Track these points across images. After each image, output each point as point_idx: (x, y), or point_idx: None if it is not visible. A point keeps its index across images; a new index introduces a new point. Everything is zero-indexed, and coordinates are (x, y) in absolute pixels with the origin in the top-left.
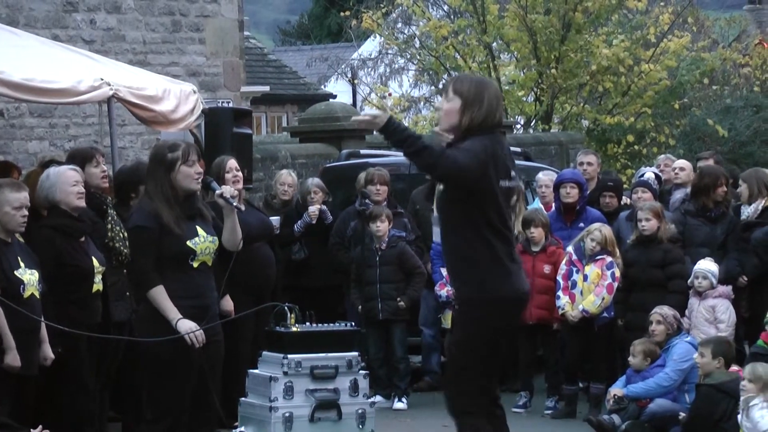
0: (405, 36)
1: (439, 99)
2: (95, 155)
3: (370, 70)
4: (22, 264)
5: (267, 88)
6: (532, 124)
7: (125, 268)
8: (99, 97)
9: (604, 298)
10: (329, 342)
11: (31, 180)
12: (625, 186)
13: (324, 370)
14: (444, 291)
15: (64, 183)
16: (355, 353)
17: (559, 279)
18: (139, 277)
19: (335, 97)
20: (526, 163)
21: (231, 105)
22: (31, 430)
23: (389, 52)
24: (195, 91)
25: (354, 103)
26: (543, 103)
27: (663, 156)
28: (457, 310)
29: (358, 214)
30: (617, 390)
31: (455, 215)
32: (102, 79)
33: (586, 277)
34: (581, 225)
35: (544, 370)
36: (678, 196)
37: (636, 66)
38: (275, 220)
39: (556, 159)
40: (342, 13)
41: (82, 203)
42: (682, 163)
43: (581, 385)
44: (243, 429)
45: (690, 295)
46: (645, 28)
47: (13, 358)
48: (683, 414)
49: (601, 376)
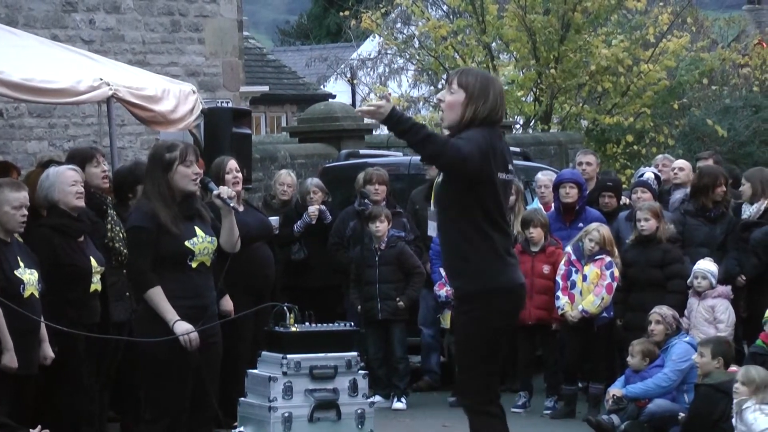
0: (404, 36)
1: (442, 92)
2: (95, 155)
3: (369, 70)
4: (22, 264)
5: (266, 88)
6: (531, 124)
7: (125, 269)
8: (98, 97)
9: (603, 298)
10: (328, 342)
11: (31, 180)
12: (624, 186)
13: (323, 370)
14: (443, 291)
15: (63, 183)
16: (355, 353)
17: (558, 279)
18: (136, 278)
19: (334, 97)
20: (526, 163)
21: (230, 105)
22: (31, 430)
23: (388, 52)
24: (194, 91)
25: (353, 103)
26: (542, 103)
27: (661, 156)
28: (456, 308)
29: (357, 214)
30: (616, 390)
31: (453, 207)
32: (101, 79)
33: (585, 278)
34: (580, 225)
35: (543, 370)
36: (677, 196)
37: (635, 66)
38: (274, 220)
39: (555, 159)
40: (341, 13)
41: (81, 203)
42: (681, 163)
43: (580, 385)
44: (242, 429)
45: (689, 295)
46: (644, 28)
47: (10, 359)
48: (683, 414)
49: (600, 376)
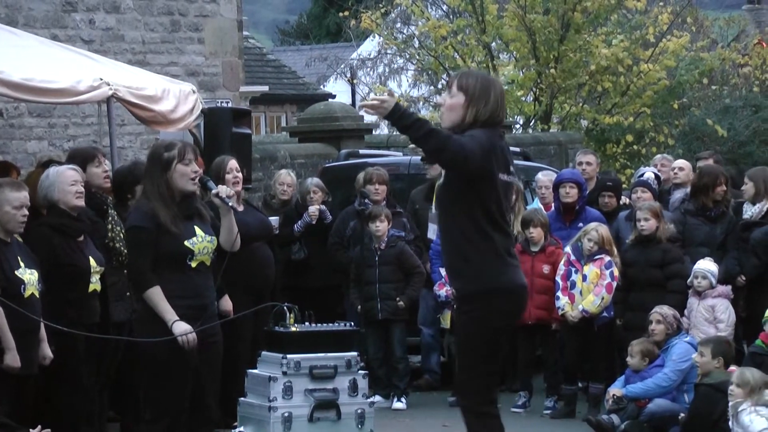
0: (404, 36)
1: (442, 96)
2: (97, 155)
3: (369, 70)
4: (22, 264)
5: (266, 88)
6: (531, 124)
7: (125, 269)
8: (98, 97)
9: (603, 298)
10: (328, 342)
11: (31, 180)
12: (624, 186)
13: (323, 370)
14: (443, 291)
15: (62, 182)
16: (354, 353)
17: (558, 280)
18: (136, 278)
19: (334, 97)
20: (526, 163)
21: (230, 105)
22: (31, 430)
23: (388, 52)
24: (194, 91)
25: (353, 103)
26: (542, 102)
27: (659, 156)
28: (457, 308)
29: (357, 213)
30: (616, 390)
31: (455, 207)
32: (101, 79)
33: (585, 278)
34: (580, 225)
35: (543, 370)
36: (677, 195)
37: (635, 66)
38: (274, 220)
39: (555, 159)
40: (341, 13)
41: (80, 203)
42: (681, 162)
43: (580, 385)
44: (242, 429)
45: (689, 294)
46: (644, 28)
47: (12, 359)
48: (683, 415)
49: (600, 376)
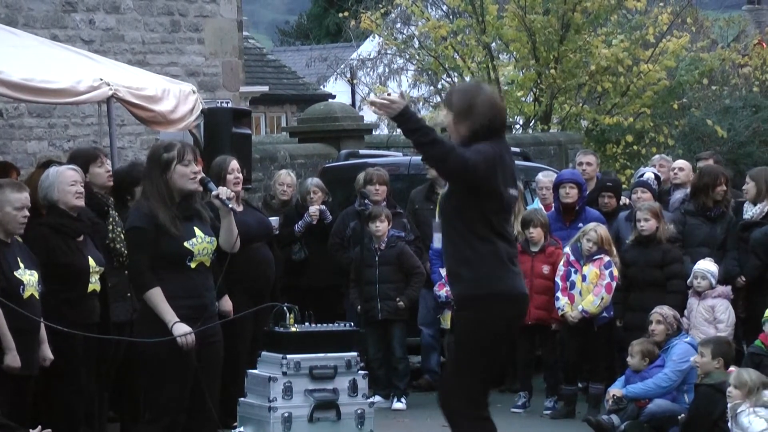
0: (404, 36)
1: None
2: (99, 155)
3: (369, 70)
4: (22, 265)
5: (266, 89)
6: (531, 124)
7: (126, 269)
8: (98, 97)
9: (603, 298)
10: (328, 342)
11: (32, 181)
12: (624, 186)
13: (323, 370)
14: (443, 291)
15: (62, 182)
16: (354, 353)
17: (557, 280)
18: (136, 278)
19: (334, 97)
20: (525, 163)
21: (230, 105)
22: (31, 430)
23: (388, 52)
24: (194, 91)
25: (353, 103)
26: (542, 103)
27: (658, 156)
28: (457, 312)
29: (357, 214)
30: (616, 390)
31: (458, 217)
32: (101, 79)
33: (584, 278)
34: (580, 225)
35: (543, 371)
36: (677, 196)
37: (635, 66)
38: (274, 220)
39: (555, 159)
40: (341, 14)
41: (80, 203)
42: (681, 163)
43: (580, 385)
44: (242, 429)
45: (689, 295)
46: (644, 28)
47: (12, 359)
48: (684, 415)
49: (600, 376)
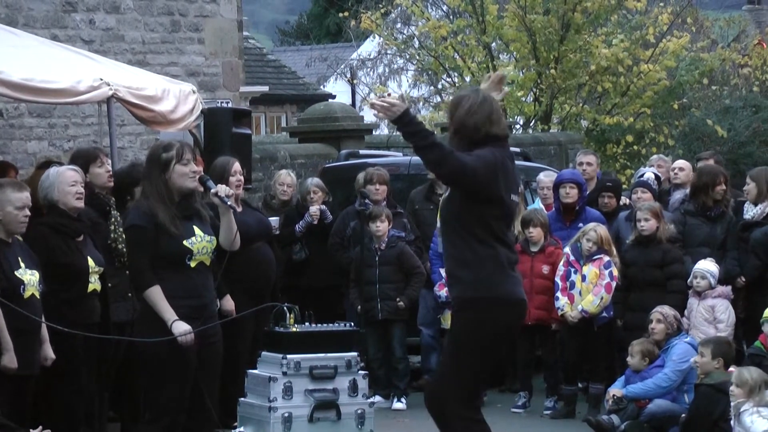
0: (404, 36)
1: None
2: (99, 155)
3: (369, 70)
4: (23, 264)
5: (266, 89)
6: (531, 124)
7: (127, 269)
8: (98, 97)
9: (603, 298)
10: (328, 342)
11: (32, 181)
12: (624, 186)
13: (323, 370)
14: (443, 291)
15: (62, 183)
16: (354, 353)
17: (557, 280)
18: (135, 277)
19: (334, 97)
20: (526, 163)
21: (230, 105)
22: (31, 430)
23: (388, 52)
24: (194, 91)
25: (353, 104)
26: (542, 103)
27: (656, 156)
28: (455, 314)
29: (357, 213)
30: (616, 390)
31: (459, 221)
32: (101, 79)
33: (584, 278)
34: (580, 225)
35: (543, 371)
36: (677, 196)
37: (635, 66)
38: (274, 220)
39: (555, 159)
40: (341, 14)
41: (80, 204)
42: (681, 163)
43: (580, 385)
44: (242, 429)
45: (689, 295)
46: (644, 28)
47: (9, 360)
48: (684, 415)
49: (600, 376)
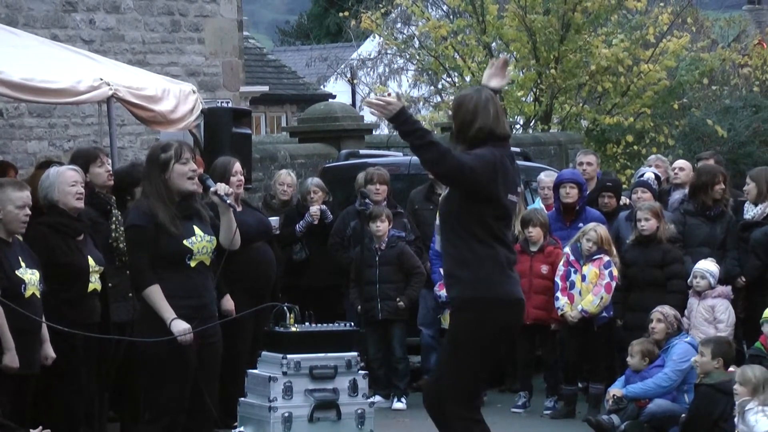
0: (404, 36)
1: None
2: (99, 155)
3: (369, 70)
4: (23, 264)
5: (266, 88)
6: (531, 124)
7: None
8: (98, 97)
9: (602, 298)
10: (328, 342)
11: (33, 181)
12: (624, 186)
13: (323, 370)
14: (443, 291)
15: (62, 183)
16: (355, 353)
17: (557, 280)
18: (135, 276)
19: (334, 97)
20: (526, 163)
21: (230, 105)
22: (31, 430)
23: (388, 52)
24: (194, 91)
25: (353, 103)
26: (542, 103)
27: (653, 156)
28: (453, 314)
29: (357, 213)
30: (616, 390)
31: (457, 220)
32: (101, 79)
33: (584, 278)
34: (580, 225)
35: (543, 370)
36: (676, 196)
37: (635, 66)
38: (274, 220)
39: (555, 159)
40: (341, 14)
41: (80, 204)
42: (681, 163)
43: (580, 385)
44: (242, 429)
45: (689, 295)
46: (644, 28)
47: (11, 359)
48: (684, 415)
49: (600, 376)
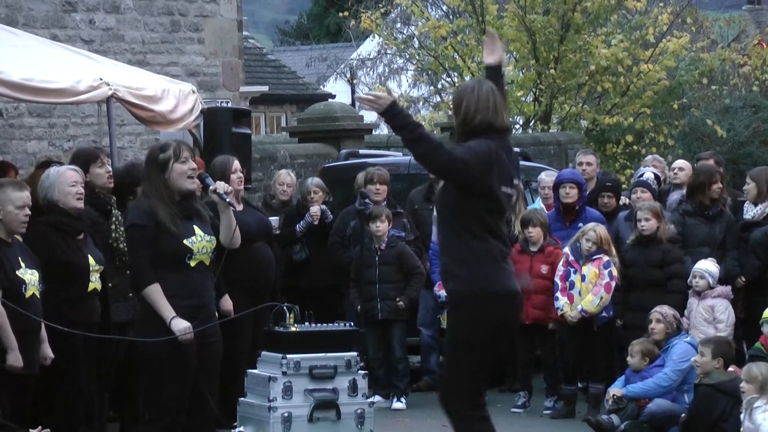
0: (404, 36)
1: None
2: (99, 155)
3: (369, 70)
4: (23, 264)
5: (266, 88)
6: (531, 124)
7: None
8: (98, 97)
9: (602, 298)
10: (328, 342)
11: (33, 181)
12: (624, 186)
13: (323, 370)
14: (443, 291)
15: (62, 183)
16: (354, 353)
17: (557, 280)
18: (135, 275)
19: (334, 97)
20: (525, 163)
21: (230, 105)
22: (31, 430)
23: (388, 52)
24: (194, 91)
25: (353, 103)
26: (542, 103)
27: (650, 157)
28: (450, 311)
29: (357, 213)
30: (616, 390)
31: (452, 212)
32: (101, 79)
33: (583, 278)
34: (580, 225)
35: (543, 370)
36: (675, 197)
37: (635, 66)
38: (274, 220)
39: (554, 159)
40: (341, 13)
41: (80, 204)
42: (681, 163)
43: (580, 385)
44: (242, 429)
45: (689, 295)
46: (644, 28)
47: (15, 359)
48: (684, 415)
49: (600, 376)
